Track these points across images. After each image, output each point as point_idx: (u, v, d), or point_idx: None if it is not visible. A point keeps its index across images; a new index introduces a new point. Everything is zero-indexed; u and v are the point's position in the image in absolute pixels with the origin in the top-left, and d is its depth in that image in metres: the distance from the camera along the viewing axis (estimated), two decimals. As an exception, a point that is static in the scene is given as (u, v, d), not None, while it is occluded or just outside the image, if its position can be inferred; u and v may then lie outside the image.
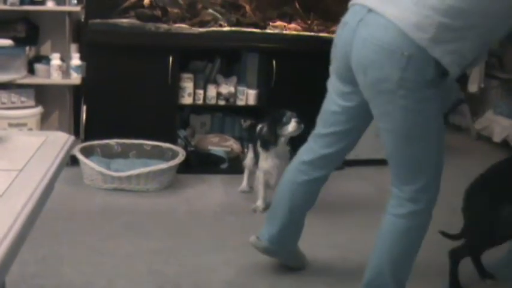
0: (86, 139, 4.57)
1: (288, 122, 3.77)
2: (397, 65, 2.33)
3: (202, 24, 4.75)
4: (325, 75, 2.83)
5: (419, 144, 2.51)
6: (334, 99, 2.74)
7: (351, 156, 4.86)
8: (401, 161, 2.56)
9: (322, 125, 2.85)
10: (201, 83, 4.79)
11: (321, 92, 2.89)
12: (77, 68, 4.53)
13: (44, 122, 4.69)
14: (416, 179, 2.55)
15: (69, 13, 4.56)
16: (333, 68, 2.73)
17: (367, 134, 4.92)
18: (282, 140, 3.82)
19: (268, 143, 3.86)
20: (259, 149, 3.95)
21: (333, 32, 3.08)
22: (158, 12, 4.73)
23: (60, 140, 1.92)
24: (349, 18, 2.54)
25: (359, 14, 2.46)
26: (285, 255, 3.17)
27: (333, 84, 2.75)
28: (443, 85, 2.45)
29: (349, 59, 2.52)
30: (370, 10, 2.42)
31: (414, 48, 2.31)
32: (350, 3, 2.61)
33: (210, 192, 4.33)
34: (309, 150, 2.93)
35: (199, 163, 4.73)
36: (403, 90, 2.37)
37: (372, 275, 2.67)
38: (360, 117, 2.73)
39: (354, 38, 2.46)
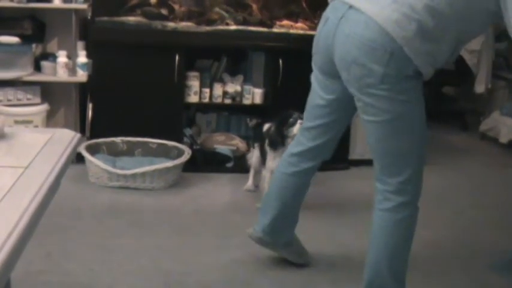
0: (92, 137, 4.57)
1: (294, 124, 3.76)
2: (380, 61, 2.40)
3: (209, 22, 4.75)
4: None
5: (404, 134, 2.55)
6: (318, 92, 2.81)
7: (356, 156, 4.92)
8: (386, 152, 2.59)
9: (308, 119, 2.92)
10: (207, 81, 4.79)
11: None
12: (83, 66, 4.54)
13: (50, 120, 4.69)
14: (401, 170, 2.57)
15: (76, 11, 4.56)
16: (315, 63, 2.78)
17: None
18: (289, 140, 3.81)
19: (276, 143, 3.85)
20: (267, 149, 3.95)
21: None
22: (165, 11, 4.73)
23: (66, 138, 1.92)
24: (330, 13, 2.59)
25: (340, 10, 2.51)
26: (281, 248, 3.19)
27: (316, 78, 2.81)
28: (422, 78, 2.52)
29: (332, 54, 2.58)
30: (351, 7, 2.47)
31: (395, 45, 2.37)
32: None
33: (215, 190, 4.33)
34: (297, 143, 3.01)
35: (204, 162, 4.73)
36: (385, 84, 2.43)
37: (371, 274, 2.69)
38: (343, 109, 2.79)
39: (336, 34, 2.52)
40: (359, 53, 2.44)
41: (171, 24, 4.62)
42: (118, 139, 4.60)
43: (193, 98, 4.74)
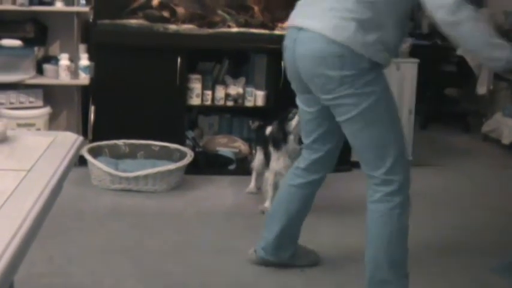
0: (94, 139, 4.58)
1: (292, 118, 3.80)
2: (334, 67, 2.60)
3: (211, 25, 4.75)
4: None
5: (375, 125, 2.68)
6: (304, 109, 2.97)
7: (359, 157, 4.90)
8: (365, 146, 2.73)
9: (305, 136, 3.08)
10: (209, 84, 4.79)
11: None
12: (85, 69, 4.54)
13: (52, 122, 4.69)
14: (382, 161, 2.69)
15: (78, 13, 4.57)
16: (292, 85, 2.95)
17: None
18: (291, 137, 3.82)
19: (279, 141, 3.87)
20: (271, 149, 3.96)
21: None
22: (167, 13, 4.73)
23: (68, 140, 1.92)
24: (287, 41, 2.83)
25: (293, 35, 2.76)
26: (287, 261, 3.20)
27: (299, 98, 2.98)
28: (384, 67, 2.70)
29: (299, 74, 2.79)
30: (299, 29, 2.71)
31: (342, 48, 2.57)
32: (286, 26, 2.91)
33: (217, 193, 4.33)
34: (303, 159, 3.14)
35: (207, 164, 4.73)
36: (346, 84, 2.61)
37: (371, 269, 2.77)
38: (328, 118, 2.88)
39: (295, 56, 2.75)
40: (315, 66, 2.66)
41: (172, 27, 4.62)
42: (120, 142, 4.61)
43: (195, 101, 4.74)
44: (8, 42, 4.42)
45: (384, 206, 2.72)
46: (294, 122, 3.79)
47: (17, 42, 4.42)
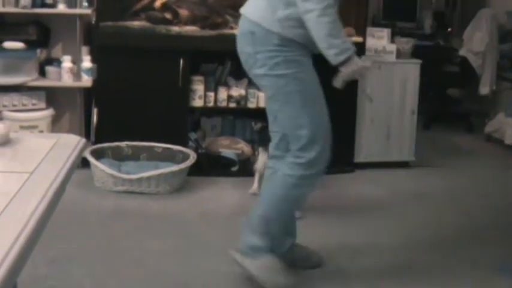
0: (97, 141, 4.58)
1: None
2: (248, 43, 2.91)
3: (213, 26, 4.75)
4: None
5: (289, 108, 2.90)
6: (262, 90, 3.26)
7: (361, 158, 4.92)
8: (282, 125, 2.96)
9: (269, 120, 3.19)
10: (212, 85, 4.79)
11: (331, 94, 2.97)
12: (88, 71, 4.55)
13: (55, 125, 4.70)
14: (297, 140, 2.89)
15: (80, 16, 4.58)
16: None
17: (377, 136, 4.91)
18: None
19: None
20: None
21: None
22: (169, 15, 4.73)
23: (71, 142, 1.92)
24: None
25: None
26: (282, 259, 3.17)
27: None
28: (300, 48, 2.87)
29: None
30: (241, 15, 3.02)
31: (254, 26, 2.88)
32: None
33: (220, 194, 4.33)
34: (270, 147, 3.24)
35: (210, 166, 4.73)
36: (259, 61, 2.88)
37: (252, 218, 3.03)
38: None
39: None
40: (239, 44, 2.99)
41: (175, 29, 4.63)
42: (123, 144, 4.61)
43: (198, 102, 4.74)
44: (10, 44, 4.43)
45: (284, 169, 2.93)
46: None
47: (19, 45, 4.43)
